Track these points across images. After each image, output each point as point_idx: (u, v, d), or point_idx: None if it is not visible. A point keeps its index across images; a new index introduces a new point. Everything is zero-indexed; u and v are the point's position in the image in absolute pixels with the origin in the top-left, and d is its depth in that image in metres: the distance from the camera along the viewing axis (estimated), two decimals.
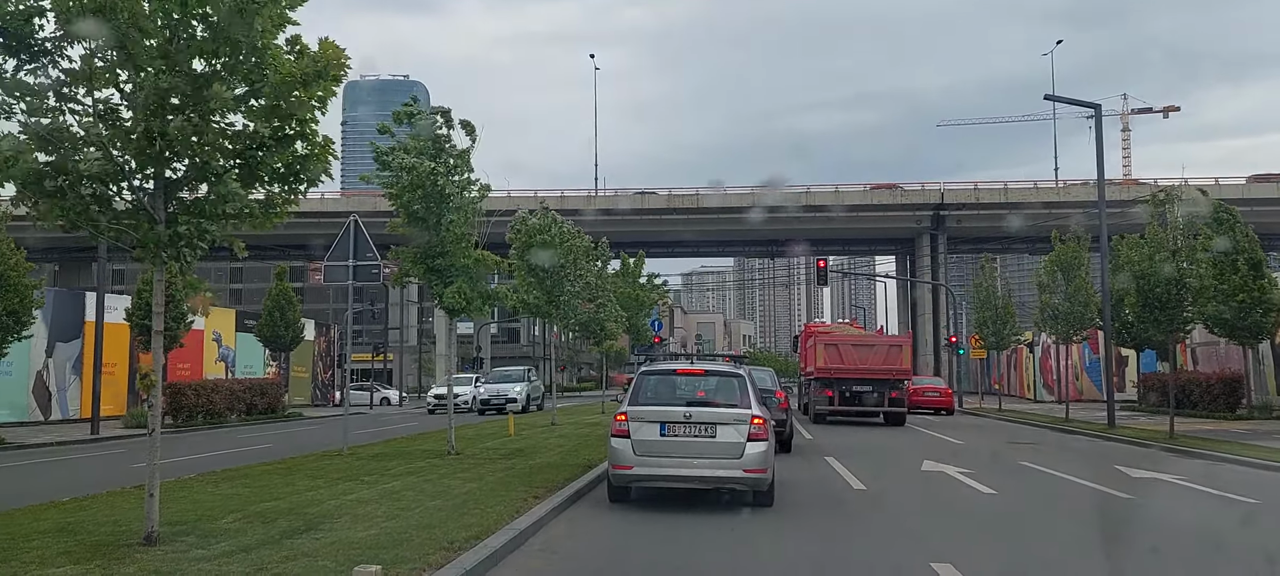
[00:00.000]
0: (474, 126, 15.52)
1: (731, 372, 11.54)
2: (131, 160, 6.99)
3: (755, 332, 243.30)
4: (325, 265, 16.74)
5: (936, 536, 9.55)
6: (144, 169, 7.01)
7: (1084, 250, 30.55)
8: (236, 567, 6.79)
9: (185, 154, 6.97)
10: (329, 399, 50.31)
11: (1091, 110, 28.38)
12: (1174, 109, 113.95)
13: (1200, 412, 28.91)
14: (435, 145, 15.22)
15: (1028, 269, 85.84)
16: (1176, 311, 21.54)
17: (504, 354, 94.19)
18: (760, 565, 8.11)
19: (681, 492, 10.90)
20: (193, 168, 7.10)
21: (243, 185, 7.41)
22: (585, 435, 20.56)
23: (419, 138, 15.16)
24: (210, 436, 24.98)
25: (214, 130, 6.99)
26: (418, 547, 7.58)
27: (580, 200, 61.19)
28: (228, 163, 7.23)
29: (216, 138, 7.01)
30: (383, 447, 18.08)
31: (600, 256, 31.69)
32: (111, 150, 6.87)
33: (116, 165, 6.96)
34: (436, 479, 12.23)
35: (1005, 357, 52.26)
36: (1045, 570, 7.92)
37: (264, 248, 66.52)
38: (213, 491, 11.04)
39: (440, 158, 15.00)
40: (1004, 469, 16.05)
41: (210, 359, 39.36)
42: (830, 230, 68.10)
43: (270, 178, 7.52)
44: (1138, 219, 37.14)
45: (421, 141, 15.10)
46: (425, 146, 15.00)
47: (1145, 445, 20.19)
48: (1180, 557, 8.79)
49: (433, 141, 15.24)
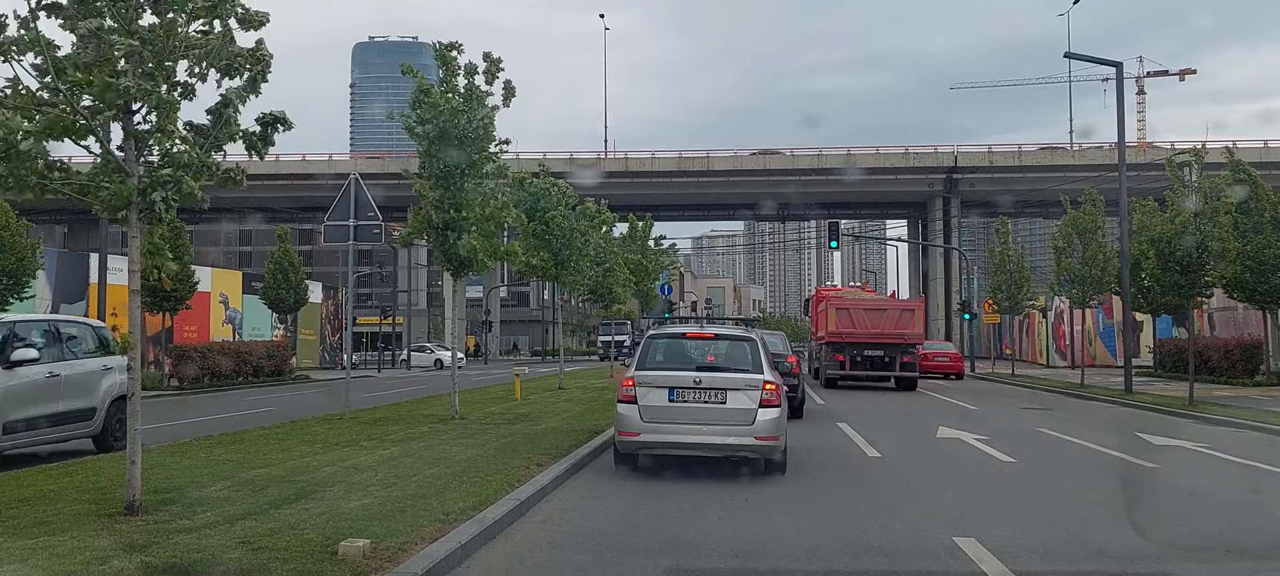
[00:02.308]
0: (513, 88, 15.09)
1: (743, 337, 11.12)
2: (86, 112, 6.55)
3: (765, 297, 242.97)
4: (325, 225, 16.32)
5: (957, 507, 9.15)
6: (102, 114, 6.55)
7: (1100, 213, 29.93)
8: (217, 540, 6.42)
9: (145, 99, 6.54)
10: (336, 361, 50.14)
11: (1111, 69, 27.62)
12: (1191, 71, 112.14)
13: (1218, 378, 28.41)
14: (468, 93, 14.79)
15: (1041, 234, 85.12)
16: (1198, 275, 21.00)
17: (513, 318, 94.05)
18: (774, 537, 7.71)
19: (690, 460, 10.51)
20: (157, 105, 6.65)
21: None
22: (592, 400, 20.20)
23: (454, 88, 14.74)
24: (214, 399, 24.75)
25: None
26: (412, 519, 7.20)
27: (589, 162, 60.58)
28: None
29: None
30: (385, 411, 17.75)
31: (605, 221, 31.24)
32: (66, 103, 6.43)
33: (69, 121, 6.51)
34: (437, 444, 11.87)
35: (1017, 323, 51.72)
36: (1073, 545, 7.50)
37: (274, 210, 66.41)
38: (206, 456, 10.69)
39: (473, 108, 14.58)
40: (1022, 436, 15.63)
41: (217, 321, 39.16)
42: (842, 194, 67.43)
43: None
44: (1152, 182, 36.51)
45: (455, 92, 14.68)
46: (458, 99, 14.58)
47: (1165, 411, 19.74)
48: (1215, 532, 8.36)
49: (468, 91, 14.82)
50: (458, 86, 14.85)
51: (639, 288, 38.00)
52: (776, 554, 7.29)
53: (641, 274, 37.72)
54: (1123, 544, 7.42)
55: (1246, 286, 25.82)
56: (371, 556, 6.03)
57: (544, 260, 24.80)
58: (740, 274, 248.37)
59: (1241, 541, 7.93)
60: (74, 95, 6.47)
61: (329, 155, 68.39)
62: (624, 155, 67.56)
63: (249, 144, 7.19)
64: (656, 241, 40.34)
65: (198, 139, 6.97)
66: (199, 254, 72.66)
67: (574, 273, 25.77)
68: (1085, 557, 7.20)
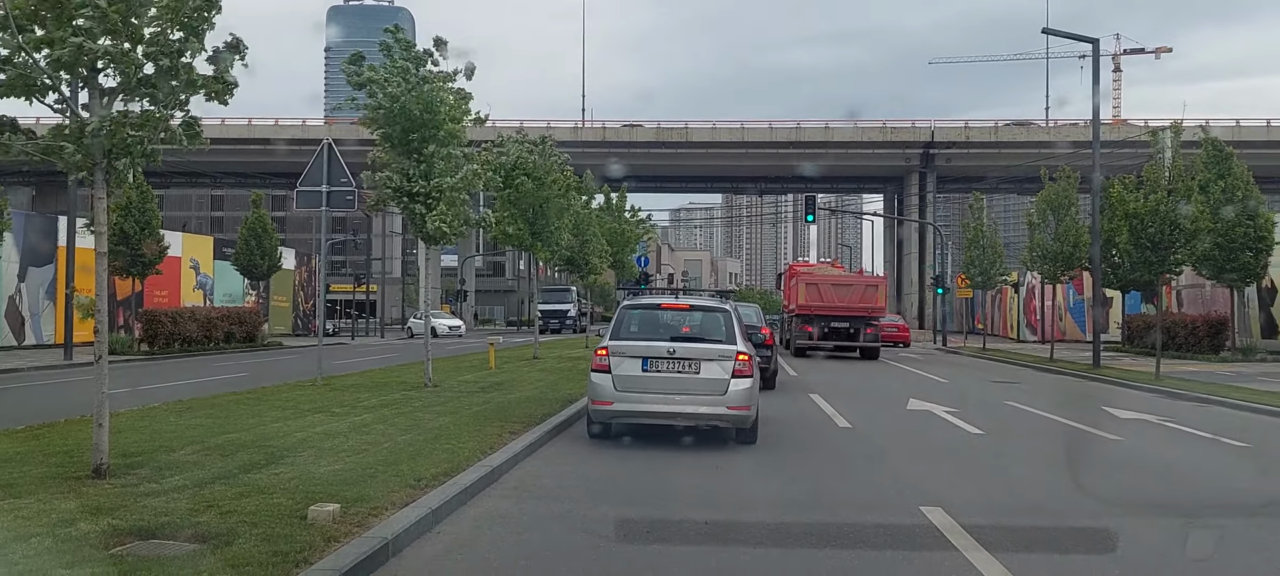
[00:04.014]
0: (474, 66, 14.93)
1: (717, 308, 11.16)
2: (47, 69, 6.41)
3: (742, 270, 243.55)
4: (298, 190, 16.18)
5: (924, 477, 9.27)
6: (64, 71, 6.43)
7: (1073, 190, 30.20)
8: (184, 503, 6.39)
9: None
10: (310, 328, 49.81)
11: (1088, 46, 27.75)
12: (1166, 49, 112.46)
13: (1185, 354, 28.84)
14: (417, 65, 14.59)
15: (1015, 210, 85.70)
16: (1169, 252, 21.27)
17: (488, 287, 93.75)
18: (744, 505, 7.78)
19: (663, 429, 10.56)
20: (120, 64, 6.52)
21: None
22: (567, 369, 20.22)
23: (398, 64, 14.51)
24: (184, 364, 24.54)
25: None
26: (383, 484, 7.20)
27: (566, 132, 60.21)
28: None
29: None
30: (358, 378, 17.69)
31: (585, 191, 31.13)
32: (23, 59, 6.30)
33: (30, 78, 6.38)
34: (410, 412, 11.85)
35: (990, 297, 52.19)
36: (1036, 514, 7.63)
37: (246, 175, 65.67)
38: (175, 421, 10.61)
39: (419, 82, 14.38)
40: (990, 408, 15.82)
41: (188, 286, 38.78)
42: (819, 167, 67.50)
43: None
44: (1126, 160, 36.83)
45: (403, 67, 14.46)
46: (407, 71, 14.36)
47: (1131, 386, 20.02)
48: (1161, 495, 8.64)
49: (416, 64, 14.61)
50: (407, 68, 14.57)
51: (616, 258, 37.96)
52: (745, 513, 7.41)
53: (619, 244, 37.67)
54: (1086, 513, 7.55)
55: (1215, 263, 26.20)
56: (342, 521, 6.03)
57: (520, 229, 24.67)
58: (717, 247, 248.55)
59: (1182, 502, 8.33)
60: (32, 51, 6.33)
61: (302, 120, 67.58)
62: (602, 124, 67.29)
63: (209, 91, 7.02)
64: (634, 211, 40.25)
65: (158, 93, 6.82)
66: (170, 219, 71.87)
67: (551, 242, 25.65)
68: (1028, 514, 7.60)
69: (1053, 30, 43.57)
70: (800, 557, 6.17)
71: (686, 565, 5.90)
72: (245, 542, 5.49)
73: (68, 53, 6.24)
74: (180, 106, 6.95)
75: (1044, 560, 6.16)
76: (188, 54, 6.75)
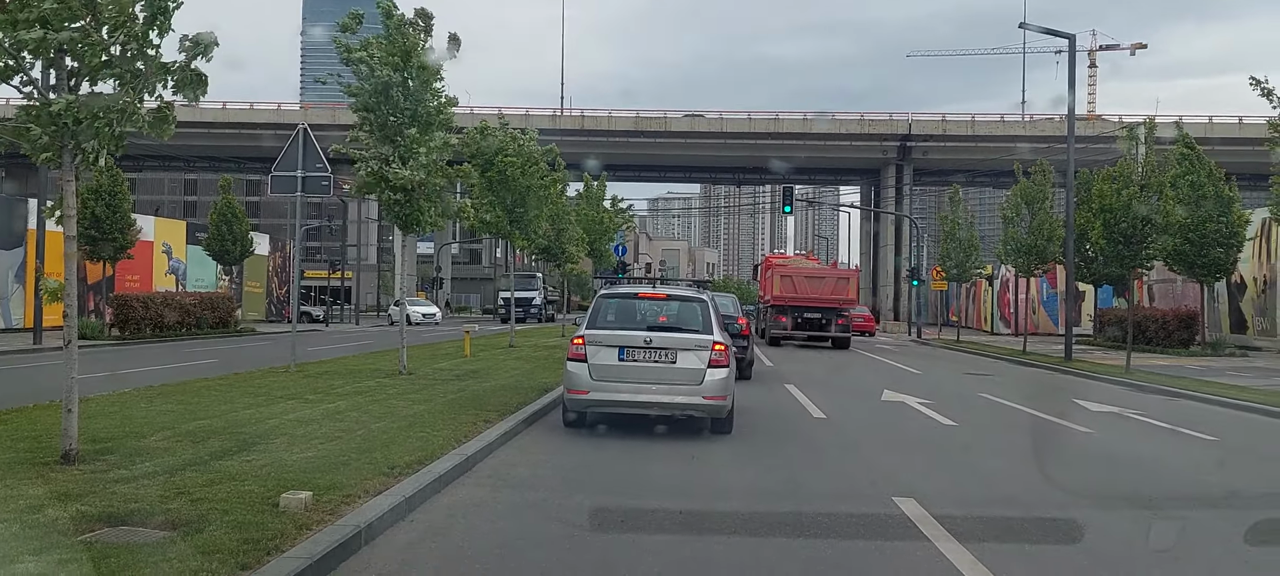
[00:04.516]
0: (459, 40, 14.73)
1: (694, 298, 11.17)
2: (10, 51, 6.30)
3: (719, 260, 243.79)
4: (272, 175, 16.03)
5: (898, 467, 9.34)
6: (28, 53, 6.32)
7: (1048, 184, 30.45)
8: (154, 490, 6.33)
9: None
10: (284, 314, 49.45)
11: (1064, 40, 27.93)
12: (1141, 46, 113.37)
13: (1155, 348, 29.17)
14: (405, 51, 14.42)
15: (990, 203, 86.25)
16: (1141, 247, 21.49)
17: (464, 275, 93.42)
18: (719, 495, 7.81)
19: (638, 419, 10.57)
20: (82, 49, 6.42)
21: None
22: (543, 358, 20.19)
23: (390, 42, 14.36)
24: (156, 349, 24.29)
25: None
26: (355, 472, 7.16)
27: (545, 119, 59.98)
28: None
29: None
30: (332, 365, 17.57)
31: (560, 179, 31.00)
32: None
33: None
34: (384, 399, 11.80)
35: (964, 290, 52.55)
36: (1007, 505, 7.71)
37: (220, 159, 64.97)
38: (146, 407, 10.50)
39: (410, 66, 14.24)
40: (963, 400, 15.94)
41: (160, 271, 38.39)
42: (797, 158, 67.64)
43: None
44: (1101, 155, 37.15)
45: (390, 47, 14.30)
46: (394, 54, 14.21)
47: (1102, 379, 20.23)
48: (1128, 486, 8.78)
49: (402, 49, 14.44)
50: (393, 49, 14.41)
51: (593, 247, 37.88)
52: (719, 503, 7.45)
53: (596, 233, 37.60)
54: (1058, 506, 7.63)
55: (1186, 259, 26.50)
56: (314, 509, 5.99)
57: (498, 217, 24.54)
58: (695, 237, 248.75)
59: (1149, 493, 8.45)
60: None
61: (277, 104, 66.92)
62: (580, 113, 67.07)
63: (179, 83, 6.90)
64: (613, 201, 40.16)
65: (124, 75, 6.71)
66: (143, 203, 70.88)
67: (529, 230, 25.54)
68: (999, 505, 7.67)
69: (1029, 25, 43.95)
70: (774, 546, 6.20)
71: (660, 554, 5.91)
72: (216, 530, 5.44)
73: (33, 38, 6.13)
74: (149, 92, 6.84)
75: (1013, 549, 6.22)
76: (154, 33, 6.64)
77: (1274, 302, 30.03)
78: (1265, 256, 30.62)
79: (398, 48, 14.34)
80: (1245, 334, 31.50)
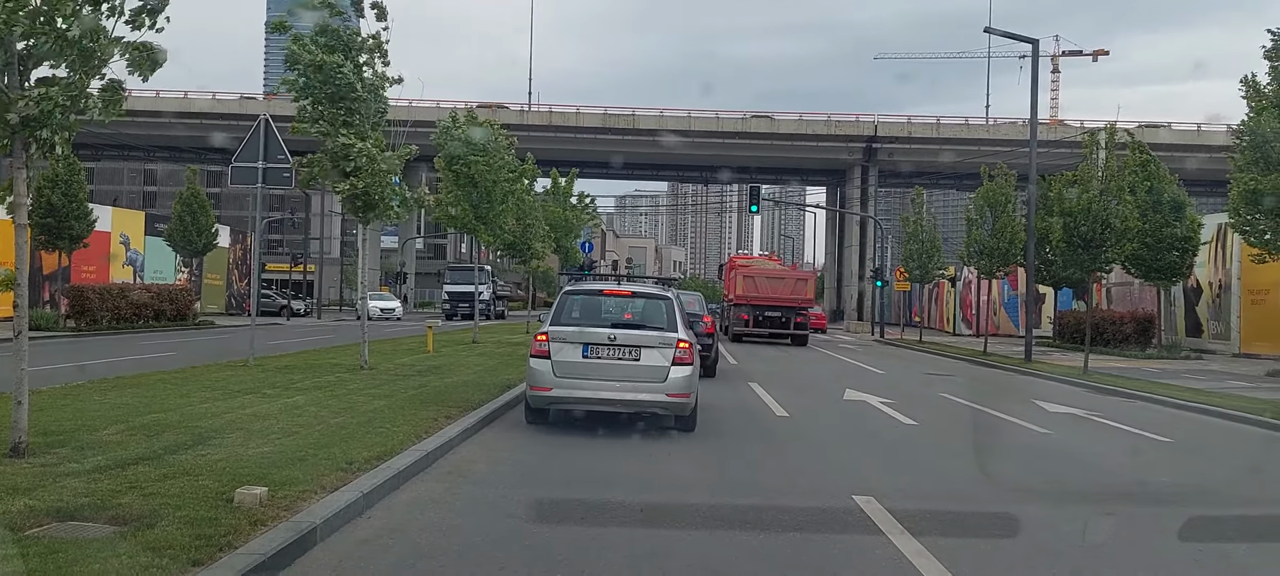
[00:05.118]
0: (384, 7, 14.35)
1: (659, 295, 11.17)
2: None
3: (686, 259, 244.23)
4: (233, 166, 15.81)
5: (858, 465, 9.42)
6: None
7: (1011, 187, 30.84)
8: (106, 484, 6.21)
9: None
10: (244, 308, 48.82)
11: (1028, 46, 28.28)
12: (1103, 52, 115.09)
13: (1113, 350, 29.66)
14: (343, 37, 14.18)
15: (954, 206, 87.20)
16: (1100, 251, 21.82)
17: (429, 269, 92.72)
18: (679, 492, 7.82)
19: (601, 416, 10.55)
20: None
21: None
22: (506, 354, 20.11)
23: (325, 31, 14.10)
24: (112, 342, 23.88)
25: None
26: (313, 467, 7.07)
27: (512, 115, 59.71)
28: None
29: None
30: (291, 359, 17.37)
31: (527, 174, 30.86)
32: None
33: None
34: (344, 394, 11.68)
35: (927, 291, 53.10)
36: (961, 502, 7.81)
37: (181, 149, 64.01)
38: (99, 400, 10.31)
39: (352, 52, 14.03)
40: (924, 400, 16.09)
41: (117, 262, 37.71)
42: (764, 158, 67.93)
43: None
44: (1063, 159, 37.64)
45: (329, 34, 14.05)
46: (333, 39, 13.98)
47: (1060, 380, 20.52)
48: (1077, 483, 9.01)
49: (339, 33, 14.19)
50: (331, 36, 14.16)
51: (559, 244, 37.78)
52: (680, 498, 7.48)
53: (562, 230, 37.51)
54: (1012, 503, 7.72)
55: (1144, 263, 26.97)
56: (269, 504, 5.91)
57: (464, 211, 24.35)
58: (662, 235, 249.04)
59: (1094, 490, 8.76)
60: None
61: (240, 95, 66.02)
62: (548, 109, 66.83)
63: (132, 61, 6.76)
64: (580, 197, 40.07)
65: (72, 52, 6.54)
66: (100, 193, 69.58)
67: (494, 226, 25.37)
68: (953, 501, 7.84)
69: (994, 29, 44.34)
70: (734, 540, 6.23)
71: (620, 549, 5.90)
72: (167, 525, 5.35)
73: None
74: (98, 71, 6.67)
75: (962, 543, 6.35)
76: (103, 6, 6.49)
77: (1228, 307, 30.64)
78: (1221, 262, 31.23)
79: (327, 29, 14.05)
80: (1201, 338, 32.12)
